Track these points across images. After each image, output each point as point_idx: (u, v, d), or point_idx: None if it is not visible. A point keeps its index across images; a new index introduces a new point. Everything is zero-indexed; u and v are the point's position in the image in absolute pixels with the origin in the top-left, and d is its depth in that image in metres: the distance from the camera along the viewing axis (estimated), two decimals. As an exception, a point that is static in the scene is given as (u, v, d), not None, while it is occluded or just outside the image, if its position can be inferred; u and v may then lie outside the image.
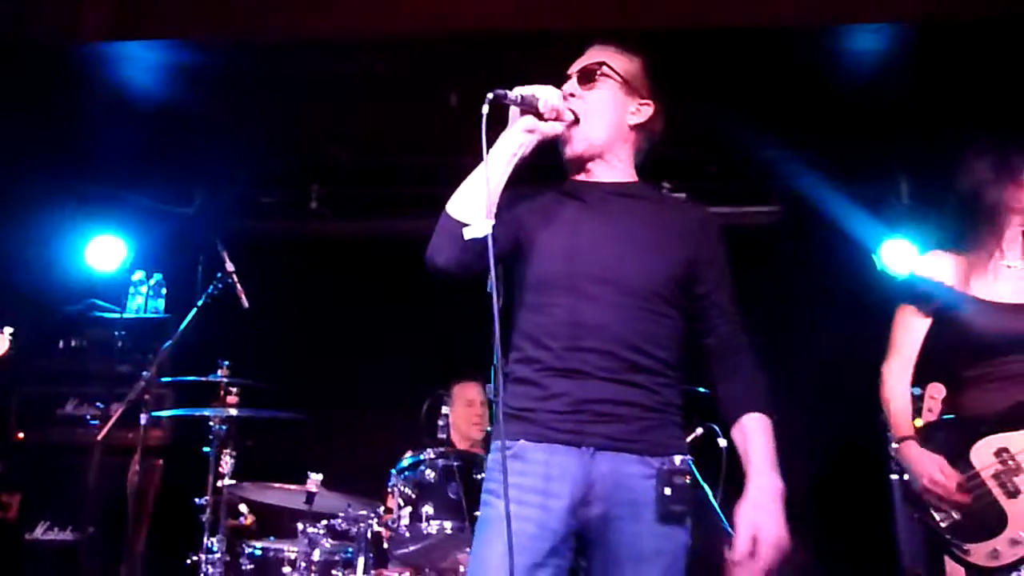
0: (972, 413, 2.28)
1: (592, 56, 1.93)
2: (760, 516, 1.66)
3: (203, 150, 4.38)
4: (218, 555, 3.14)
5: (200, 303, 3.26)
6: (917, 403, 3.37)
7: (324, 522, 3.08)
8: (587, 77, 1.90)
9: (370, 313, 4.53)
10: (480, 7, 3.40)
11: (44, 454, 3.99)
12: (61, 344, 4.25)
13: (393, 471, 3.06)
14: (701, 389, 3.45)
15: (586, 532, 1.70)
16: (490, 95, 1.72)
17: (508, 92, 1.75)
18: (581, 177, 1.92)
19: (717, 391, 1.83)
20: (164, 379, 3.56)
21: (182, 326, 3.27)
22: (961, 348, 2.32)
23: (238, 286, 3.24)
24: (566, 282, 1.77)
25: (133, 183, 4.65)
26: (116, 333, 4.14)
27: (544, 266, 1.80)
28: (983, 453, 2.22)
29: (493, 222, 1.67)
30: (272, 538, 3.26)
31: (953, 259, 2.37)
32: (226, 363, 3.41)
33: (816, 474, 4.14)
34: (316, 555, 3.01)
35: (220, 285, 3.25)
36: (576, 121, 1.85)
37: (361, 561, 3.00)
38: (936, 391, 2.86)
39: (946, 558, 2.23)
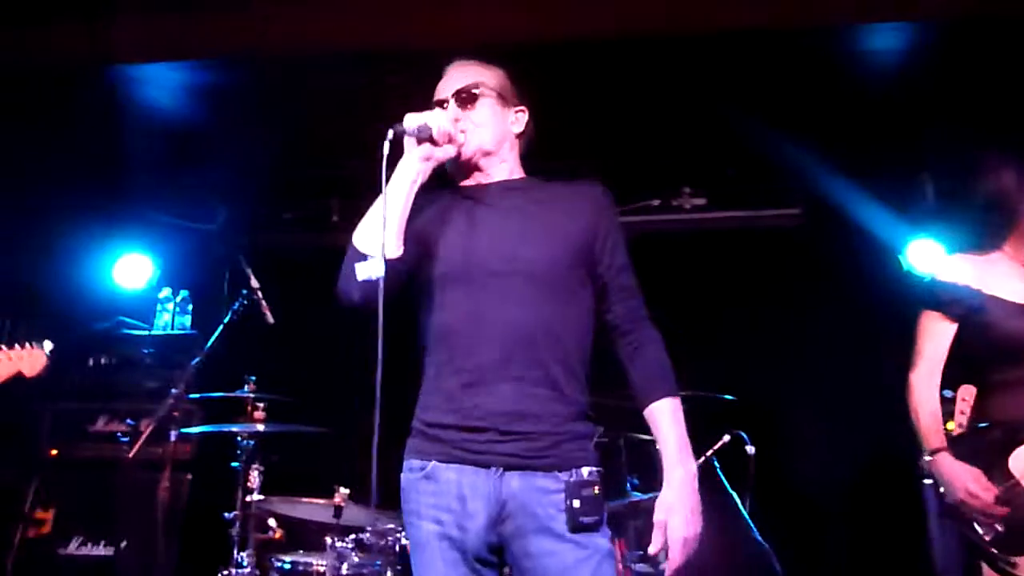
0: (1006, 418, 2.23)
1: (461, 76, 1.95)
2: (670, 516, 1.72)
3: (225, 167, 4.43)
4: (248, 569, 3.17)
5: (226, 320, 3.29)
6: (949, 406, 3.32)
7: (352, 536, 3.09)
8: (467, 99, 1.92)
9: (392, 325, 4.54)
10: (493, 21, 3.41)
11: (76, 470, 4.03)
12: (91, 362, 4.31)
13: (419, 484, 3.06)
14: (728, 396, 3.45)
15: (507, 548, 1.73)
16: (392, 131, 1.75)
17: (403, 125, 1.78)
18: (471, 181, 1.95)
19: (628, 371, 1.86)
20: (192, 395, 3.60)
21: (209, 343, 3.30)
22: (990, 352, 2.28)
23: (263, 302, 3.27)
24: (468, 279, 1.79)
25: (158, 201, 4.71)
26: (144, 350, 4.20)
27: (444, 267, 1.81)
28: (1022, 461, 2.17)
29: (386, 259, 1.69)
30: (301, 552, 3.28)
31: (975, 262, 2.34)
32: (252, 378, 3.45)
33: (846, 480, 4.09)
34: (344, 568, 3.02)
35: (245, 302, 3.28)
36: (463, 143, 1.88)
37: (389, 574, 3.00)
38: (967, 393, 2.81)
39: (983, 566, 2.19)
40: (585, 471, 1.73)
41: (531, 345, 1.75)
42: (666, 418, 1.79)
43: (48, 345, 1.87)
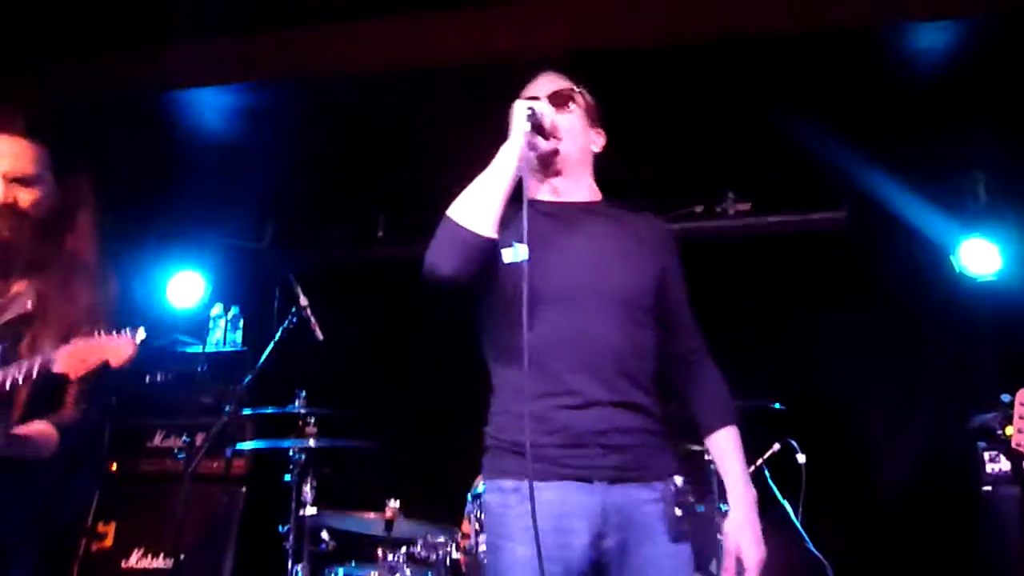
0: None
1: (557, 81, 1.96)
2: (742, 538, 1.78)
3: (273, 186, 4.53)
4: (303, 581, 3.23)
5: (277, 337, 3.35)
6: (1007, 410, 3.23)
7: (403, 548, 3.12)
8: (561, 102, 1.91)
9: (441, 339, 4.58)
10: (534, 32, 3.44)
11: (136, 484, 4.14)
12: (148, 378, 4.43)
13: (469, 496, 3.09)
14: (777, 405, 3.40)
15: (606, 562, 1.73)
16: (527, 106, 1.77)
17: (532, 104, 1.79)
18: (552, 196, 1.93)
19: (690, 400, 1.93)
20: (245, 411, 3.67)
21: (261, 360, 3.37)
22: None
23: (312, 319, 3.33)
24: (563, 301, 1.79)
25: (209, 221, 4.83)
26: (199, 367, 4.30)
27: (538, 286, 1.76)
28: None
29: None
30: (354, 563, 3.33)
31: None
32: (303, 393, 3.51)
33: (901, 488, 4.00)
34: (397, 581, 3.06)
35: (295, 319, 3.34)
36: (561, 140, 1.88)
37: (440, 586, 3.03)
38: (1024, 399, 2.72)
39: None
40: (678, 480, 1.78)
41: (629, 368, 1.79)
42: (732, 446, 1.88)
43: (141, 334, 1.84)
